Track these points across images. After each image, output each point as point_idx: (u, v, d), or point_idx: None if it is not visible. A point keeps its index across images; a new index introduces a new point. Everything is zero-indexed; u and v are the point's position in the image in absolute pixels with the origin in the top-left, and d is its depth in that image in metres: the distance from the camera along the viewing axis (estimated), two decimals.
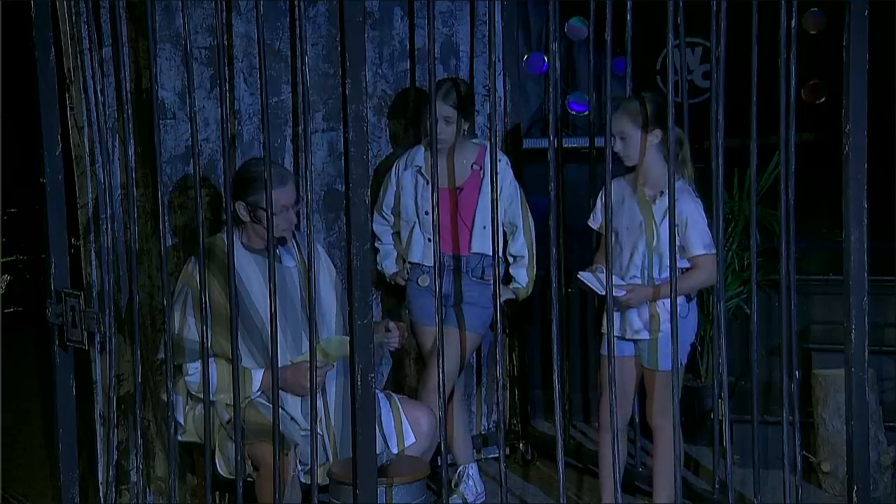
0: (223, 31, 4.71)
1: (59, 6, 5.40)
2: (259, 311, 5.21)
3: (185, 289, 5.23)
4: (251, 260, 5.27)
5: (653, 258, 5.32)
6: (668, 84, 5.03)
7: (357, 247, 4.21)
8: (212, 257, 5.16)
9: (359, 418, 4.29)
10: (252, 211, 5.21)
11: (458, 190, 5.82)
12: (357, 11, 4.17)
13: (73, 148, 5.48)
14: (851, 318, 4.53)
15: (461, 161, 5.84)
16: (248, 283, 5.24)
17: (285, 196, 5.17)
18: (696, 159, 5.67)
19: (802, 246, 5.34)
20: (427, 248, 5.85)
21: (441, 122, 5.66)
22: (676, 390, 5.08)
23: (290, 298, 5.29)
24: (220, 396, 5.12)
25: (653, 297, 5.31)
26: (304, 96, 4.41)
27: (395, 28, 6.26)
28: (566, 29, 7.27)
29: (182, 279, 5.28)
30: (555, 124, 5.26)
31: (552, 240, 4.98)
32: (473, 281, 5.84)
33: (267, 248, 4.66)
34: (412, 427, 5.38)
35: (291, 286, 5.31)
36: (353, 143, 4.18)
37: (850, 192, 4.49)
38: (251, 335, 5.22)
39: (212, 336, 5.07)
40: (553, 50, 5.07)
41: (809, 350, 6.30)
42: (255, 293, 5.24)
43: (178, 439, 5.20)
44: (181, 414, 5.25)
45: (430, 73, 4.67)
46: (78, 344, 4.98)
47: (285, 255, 5.33)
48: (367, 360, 4.25)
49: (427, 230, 5.83)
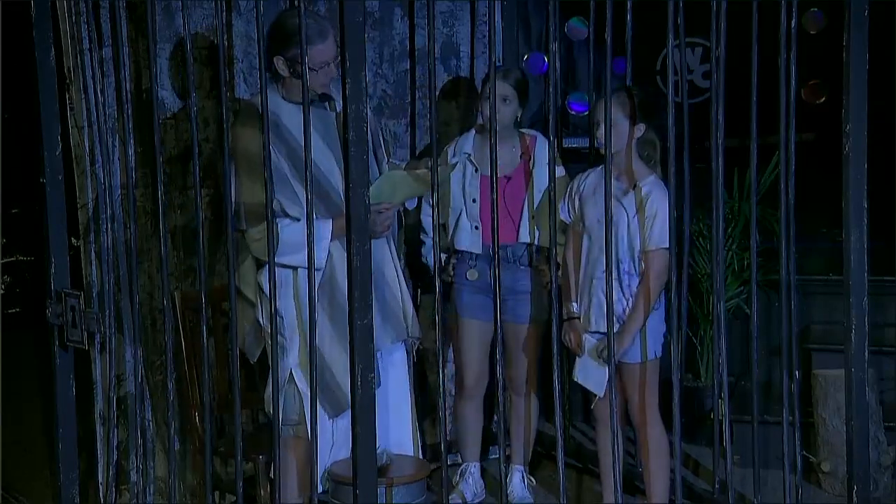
0: (223, 30, 4.70)
1: (59, 6, 5.40)
2: (313, 158, 4.65)
3: (231, 153, 4.90)
4: (294, 110, 5.07)
5: (623, 253, 5.34)
6: (668, 84, 5.04)
7: (357, 246, 4.21)
8: (252, 118, 5.03)
9: (359, 419, 4.28)
10: (291, 66, 5.12)
11: (505, 178, 5.78)
12: (357, 11, 4.17)
13: (73, 148, 5.48)
14: (851, 318, 4.53)
15: (510, 149, 5.78)
16: (298, 133, 4.96)
17: (326, 51, 5.07)
18: (696, 159, 5.67)
19: (803, 245, 5.34)
20: (474, 235, 5.81)
21: (499, 101, 5.61)
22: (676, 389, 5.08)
23: (339, 144, 5.12)
24: (290, 258, 5.01)
25: (627, 338, 5.35)
26: (305, 96, 4.40)
27: (396, 28, 6.26)
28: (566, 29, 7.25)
29: (231, 145, 4.92)
30: (554, 124, 5.26)
31: (551, 240, 4.98)
32: (522, 269, 5.81)
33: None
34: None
35: (341, 131, 4.95)
36: (353, 143, 4.17)
37: (850, 193, 4.49)
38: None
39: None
40: (553, 50, 5.07)
41: (809, 350, 6.29)
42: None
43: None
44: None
45: (430, 74, 4.67)
46: (78, 344, 4.97)
47: (330, 103, 5.24)
48: (367, 360, 4.24)
49: (474, 218, 5.81)
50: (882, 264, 5.32)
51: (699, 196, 5.78)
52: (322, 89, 5.13)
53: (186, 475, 5.78)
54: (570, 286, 5.53)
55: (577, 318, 5.47)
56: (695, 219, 6.25)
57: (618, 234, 5.30)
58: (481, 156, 5.79)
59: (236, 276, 4.85)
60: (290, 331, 5.18)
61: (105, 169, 5.44)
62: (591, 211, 5.44)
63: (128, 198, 4.93)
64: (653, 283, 5.34)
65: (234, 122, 5.12)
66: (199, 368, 5.40)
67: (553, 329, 4.91)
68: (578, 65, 7.62)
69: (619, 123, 5.28)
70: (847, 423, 4.64)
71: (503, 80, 5.64)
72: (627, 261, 5.35)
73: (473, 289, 5.86)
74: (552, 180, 4.95)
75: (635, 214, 5.31)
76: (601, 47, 5.50)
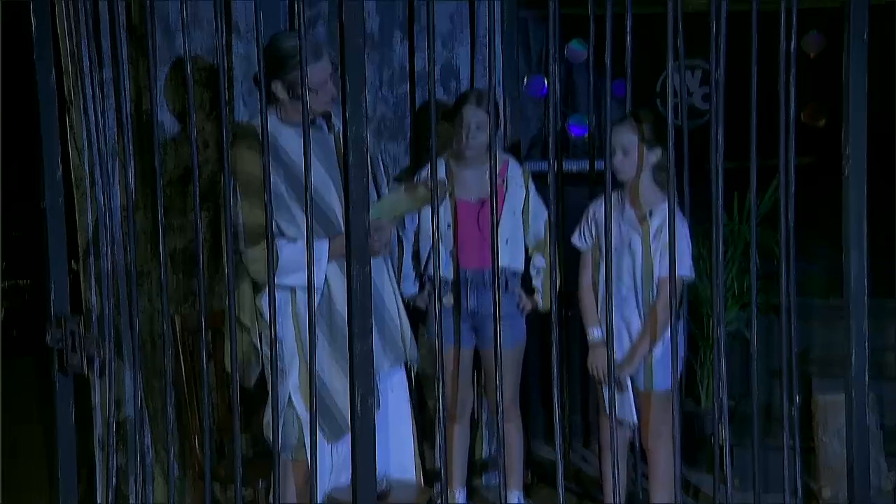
0: (223, 52, 4.70)
1: (60, 27, 5.41)
2: (311, 180, 4.68)
3: (231, 176, 4.95)
4: (292, 133, 5.11)
5: (647, 279, 5.34)
6: (667, 106, 5.04)
7: (357, 270, 4.20)
8: (250, 140, 5.04)
9: (359, 444, 4.27)
10: (289, 88, 5.13)
11: (480, 203, 5.78)
12: (357, 34, 4.17)
13: (72, 170, 5.47)
14: (852, 342, 4.52)
15: (484, 174, 5.80)
16: (296, 155, 5.03)
17: (322, 70, 5.09)
18: (696, 182, 5.67)
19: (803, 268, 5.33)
20: (449, 261, 5.81)
21: (474, 127, 5.61)
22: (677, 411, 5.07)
23: (338, 165, 5.16)
24: (288, 279, 4.99)
25: (634, 363, 5.36)
26: (304, 118, 4.40)
27: (395, 50, 6.27)
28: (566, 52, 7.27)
29: (230, 167, 4.86)
30: (554, 147, 5.26)
31: (551, 263, 4.97)
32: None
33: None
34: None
35: (340, 153, 5.11)
36: (353, 166, 4.17)
37: (850, 215, 4.49)
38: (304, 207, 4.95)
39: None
40: (553, 72, 5.07)
41: (809, 374, 6.28)
42: (302, 164, 4.95)
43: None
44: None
45: (430, 96, 4.67)
46: (77, 369, 4.96)
47: (328, 124, 5.24)
48: (367, 384, 4.23)
49: (448, 244, 5.80)
50: (882, 287, 5.31)
51: (699, 219, 5.77)
52: (323, 108, 5.12)
53: (186, 501, 5.76)
54: (590, 312, 5.51)
55: (603, 345, 5.47)
56: (694, 242, 6.24)
57: (634, 262, 5.31)
58: (455, 181, 5.80)
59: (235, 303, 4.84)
60: (289, 354, 5.17)
61: (105, 191, 5.43)
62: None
63: (127, 220, 4.93)
64: (662, 311, 5.33)
65: (234, 143, 5.13)
66: (198, 393, 5.38)
67: (553, 352, 4.89)
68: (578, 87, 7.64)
69: (632, 150, 5.28)
70: (847, 447, 4.63)
71: (477, 107, 5.65)
72: (643, 288, 5.34)
73: (450, 314, 5.84)
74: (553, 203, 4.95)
75: (652, 241, 5.30)
76: (601, 70, 5.51)
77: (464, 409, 6.04)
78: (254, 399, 5.57)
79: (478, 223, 5.74)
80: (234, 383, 4.64)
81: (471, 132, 5.67)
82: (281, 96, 5.13)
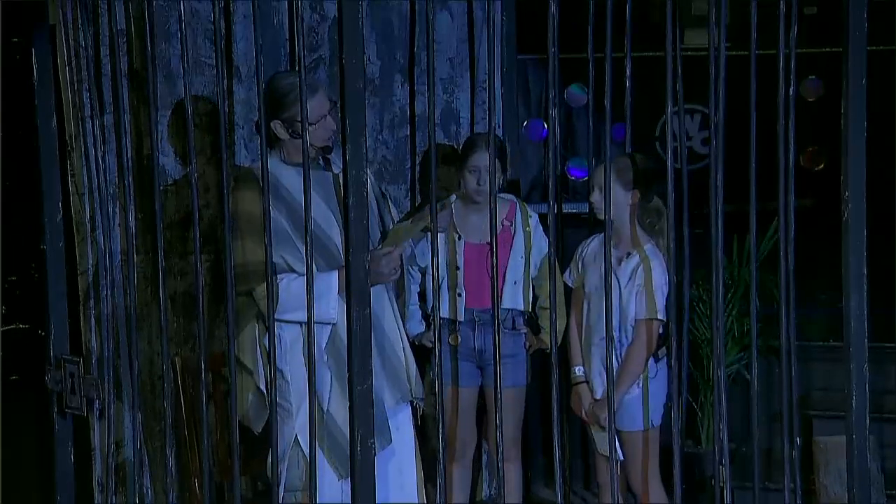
0: (224, 97, 4.72)
1: (62, 74, 5.43)
2: (313, 219, 4.80)
3: (233, 217, 4.96)
4: (293, 172, 5.09)
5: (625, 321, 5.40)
6: (667, 150, 5.05)
7: (357, 311, 4.20)
8: (251, 182, 5.06)
9: (358, 487, 4.26)
10: (289, 126, 5.13)
11: (487, 245, 5.80)
12: (358, 78, 4.19)
13: (73, 214, 5.49)
14: (852, 385, 4.52)
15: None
16: (297, 193, 4.97)
17: (319, 105, 5.09)
18: (696, 225, 5.68)
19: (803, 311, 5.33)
20: (458, 302, 5.82)
21: (482, 172, 5.63)
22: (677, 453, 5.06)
23: (338, 203, 5.15)
24: (300, 314, 4.88)
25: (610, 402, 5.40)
26: (305, 162, 4.41)
27: (396, 94, 6.29)
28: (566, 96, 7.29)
29: (232, 208, 4.98)
30: (554, 189, 5.27)
31: (551, 305, 4.97)
32: (505, 332, 5.78)
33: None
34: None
35: (339, 192, 5.11)
36: (353, 208, 4.18)
37: (850, 258, 4.50)
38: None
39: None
40: (552, 116, 5.09)
41: (810, 416, 6.27)
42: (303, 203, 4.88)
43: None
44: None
45: (430, 140, 4.68)
46: (77, 410, 4.96)
47: (328, 164, 5.25)
48: (366, 426, 4.22)
49: (458, 286, 5.81)
50: (882, 330, 5.32)
51: (699, 262, 5.78)
52: (323, 143, 5.13)
53: None
54: (575, 351, 5.56)
55: (584, 383, 5.50)
56: (694, 284, 6.25)
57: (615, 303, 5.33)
58: (464, 223, 5.83)
59: (235, 346, 4.84)
60: (297, 394, 5.14)
61: (105, 235, 5.44)
62: (591, 277, 5.48)
63: (128, 264, 4.93)
64: (637, 352, 5.39)
65: (234, 186, 5.14)
66: (198, 435, 5.37)
67: (553, 392, 4.89)
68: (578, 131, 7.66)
69: (616, 191, 5.32)
70: (848, 490, 4.62)
71: (484, 151, 5.66)
72: (619, 329, 5.39)
73: (455, 355, 5.85)
74: (552, 245, 4.97)
75: (627, 283, 5.37)
76: (600, 114, 5.52)
77: (465, 449, 6.02)
78: (255, 441, 5.56)
79: (486, 264, 5.74)
80: (234, 425, 4.64)
81: (482, 177, 5.69)
82: (281, 136, 5.14)
